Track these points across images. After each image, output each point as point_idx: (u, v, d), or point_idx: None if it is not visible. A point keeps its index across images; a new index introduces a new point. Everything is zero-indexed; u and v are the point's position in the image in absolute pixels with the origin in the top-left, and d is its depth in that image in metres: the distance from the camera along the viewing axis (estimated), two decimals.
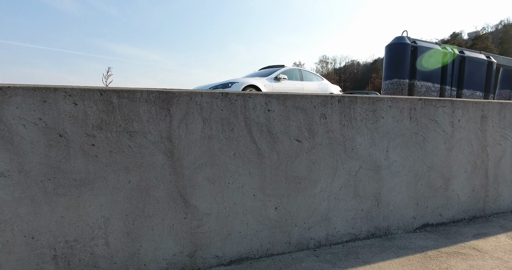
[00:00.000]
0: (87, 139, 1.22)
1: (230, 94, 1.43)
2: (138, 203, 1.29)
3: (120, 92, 1.26)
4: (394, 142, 1.80)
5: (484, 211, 2.14)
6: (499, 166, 2.19)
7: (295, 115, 1.56)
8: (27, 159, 1.15)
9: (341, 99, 1.66)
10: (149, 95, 1.30)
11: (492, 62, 3.37)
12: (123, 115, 1.26)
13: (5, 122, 1.12)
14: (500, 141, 2.18)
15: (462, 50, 3.32)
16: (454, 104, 1.99)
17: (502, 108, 2.19)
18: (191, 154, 1.37)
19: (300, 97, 1.56)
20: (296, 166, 1.56)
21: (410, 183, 1.86)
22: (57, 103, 1.18)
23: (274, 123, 1.51)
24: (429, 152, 1.91)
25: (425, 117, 1.89)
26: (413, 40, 3.11)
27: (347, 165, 1.68)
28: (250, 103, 1.46)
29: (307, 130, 1.58)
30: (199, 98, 1.37)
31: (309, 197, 1.60)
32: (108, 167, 1.25)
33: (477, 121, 2.08)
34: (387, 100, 1.78)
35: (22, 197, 1.15)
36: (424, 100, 1.89)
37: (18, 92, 1.14)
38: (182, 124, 1.35)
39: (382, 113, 1.77)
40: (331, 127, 1.64)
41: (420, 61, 3.02)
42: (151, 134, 1.30)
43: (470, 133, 2.06)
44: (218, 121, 1.41)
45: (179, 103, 1.34)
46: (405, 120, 1.83)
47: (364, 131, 1.72)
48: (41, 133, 1.16)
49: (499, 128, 2.17)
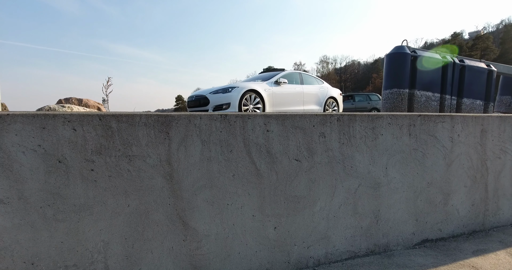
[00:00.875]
0: (86, 164, 1.22)
1: (229, 116, 1.43)
2: (137, 226, 1.30)
3: (119, 117, 1.26)
4: (394, 159, 1.80)
5: (484, 225, 2.14)
6: (499, 179, 2.18)
7: (294, 134, 1.56)
8: (26, 185, 1.15)
9: (340, 117, 1.66)
10: (148, 119, 1.30)
11: (493, 70, 3.37)
12: (122, 139, 1.27)
13: (4, 149, 1.13)
14: (499, 155, 2.18)
15: (462, 59, 3.32)
16: (454, 119, 1.99)
17: (502, 121, 2.18)
18: (190, 177, 1.37)
19: (299, 116, 1.57)
20: (295, 186, 1.57)
21: (410, 199, 1.86)
22: (56, 129, 1.18)
23: (273, 144, 1.51)
24: (428, 167, 1.91)
25: (424, 133, 1.89)
26: (413, 50, 3.10)
27: (346, 183, 1.68)
28: (249, 124, 1.47)
29: (306, 150, 1.58)
30: (198, 120, 1.38)
31: (308, 216, 1.60)
32: (107, 192, 1.25)
33: (477, 135, 2.08)
34: (386, 117, 1.78)
35: (22, 224, 1.15)
36: (423, 116, 1.89)
37: (17, 119, 1.14)
38: (181, 147, 1.35)
39: (381, 130, 1.77)
40: (330, 145, 1.64)
41: (420, 71, 3.02)
42: (150, 157, 1.31)
43: (469, 147, 2.05)
44: (217, 143, 1.41)
45: (178, 126, 1.34)
46: (404, 137, 1.83)
47: (363, 148, 1.72)
48: (40, 160, 1.17)
49: (498, 142, 2.17)
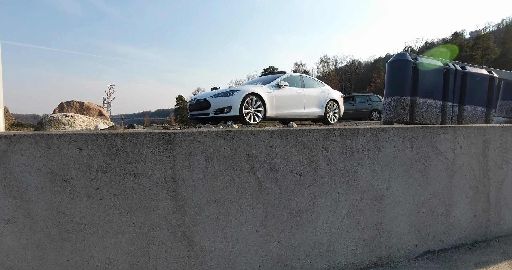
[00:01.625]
0: (91, 183, 1.23)
1: (232, 132, 1.44)
2: (142, 243, 1.31)
3: (124, 135, 1.27)
4: (396, 171, 1.81)
5: (486, 235, 2.15)
6: (501, 190, 2.19)
7: (297, 149, 1.56)
8: (32, 205, 1.16)
9: (343, 131, 1.67)
10: (153, 137, 1.31)
11: (494, 77, 3.37)
12: (127, 157, 1.28)
13: (10, 170, 1.14)
14: (501, 165, 2.18)
15: (464, 66, 3.32)
16: (456, 131, 2.00)
17: (504, 132, 2.19)
18: (195, 193, 1.38)
19: (302, 131, 1.57)
20: (298, 200, 1.57)
21: (412, 211, 1.87)
22: (61, 149, 1.19)
23: (276, 159, 1.52)
24: (430, 179, 1.92)
25: (426, 145, 1.90)
26: (415, 57, 3.11)
27: (349, 197, 1.69)
28: (253, 140, 1.47)
29: (309, 164, 1.59)
30: (202, 137, 1.39)
31: (311, 230, 1.61)
32: (112, 210, 1.26)
33: (479, 146, 2.09)
34: (388, 130, 1.79)
35: (28, 243, 1.16)
36: (425, 128, 1.89)
37: (23, 140, 1.15)
38: (185, 164, 1.36)
39: (384, 144, 1.77)
40: (333, 159, 1.65)
41: (422, 78, 3.02)
42: (154, 175, 1.32)
43: (471, 158, 2.06)
44: (221, 159, 1.42)
45: (182, 144, 1.35)
46: (406, 149, 1.84)
47: (366, 162, 1.73)
48: (46, 179, 1.18)
49: (501, 152, 2.18)
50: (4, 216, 1.13)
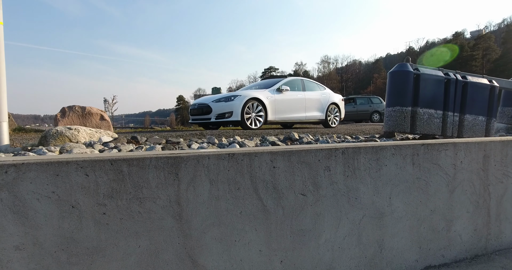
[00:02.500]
0: (98, 208, 1.26)
1: (236, 155, 1.46)
2: (147, 266, 1.33)
3: (130, 161, 1.30)
4: (397, 188, 1.83)
5: (486, 249, 2.17)
6: (501, 203, 2.21)
7: (300, 170, 1.59)
8: (41, 231, 1.19)
9: (345, 150, 1.69)
10: (158, 162, 1.33)
11: (495, 86, 3.38)
12: (133, 182, 1.30)
13: (19, 197, 1.16)
14: (502, 179, 2.20)
15: (465, 75, 3.33)
16: (457, 146, 2.02)
17: (504, 146, 2.21)
18: (199, 216, 1.40)
19: (304, 152, 1.59)
20: (301, 220, 1.60)
21: (413, 228, 1.89)
22: (69, 175, 1.22)
23: (279, 179, 1.54)
24: (431, 195, 1.94)
25: (427, 162, 1.92)
26: (416, 67, 3.12)
27: (350, 215, 1.71)
28: (256, 161, 1.50)
29: (311, 184, 1.61)
30: (206, 160, 1.41)
31: (314, 249, 1.63)
32: (119, 234, 1.28)
33: (479, 161, 2.11)
34: (390, 148, 1.81)
35: (37, 268, 1.19)
36: (426, 145, 1.91)
37: (32, 168, 1.17)
38: (190, 187, 1.38)
39: (385, 161, 1.79)
40: (335, 179, 1.67)
41: (423, 89, 3.04)
42: (160, 199, 1.34)
43: (472, 174, 2.08)
44: (224, 182, 1.44)
45: (186, 167, 1.38)
46: (408, 166, 1.86)
47: (368, 180, 1.75)
48: (54, 206, 1.20)
49: (501, 166, 2.20)
50: (13, 243, 1.16)
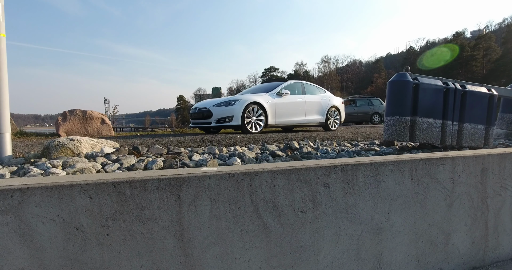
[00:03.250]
0: (102, 230, 1.28)
1: (237, 174, 1.48)
2: None
3: (133, 183, 1.32)
4: (396, 203, 1.85)
5: (484, 261, 2.19)
6: (499, 216, 2.23)
7: (300, 187, 1.61)
8: (46, 254, 1.21)
9: (344, 167, 1.71)
10: (160, 183, 1.36)
11: (494, 95, 3.40)
12: (136, 204, 1.33)
13: (25, 221, 1.19)
14: (500, 192, 2.23)
15: (464, 84, 3.35)
16: (455, 161, 2.04)
17: (502, 159, 2.23)
18: (200, 235, 1.43)
19: (304, 170, 1.62)
20: (300, 236, 1.62)
21: (411, 242, 1.91)
22: (73, 198, 1.24)
23: (279, 198, 1.57)
24: (429, 209, 1.96)
25: (426, 177, 1.94)
26: (415, 77, 3.15)
27: (349, 231, 1.74)
28: (256, 180, 1.52)
29: (311, 201, 1.64)
30: (207, 180, 1.43)
31: (313, 265, 1.65)
32: (121, 254, 1.31)
33: (477, 174, 2.13)
34: (388, 164, 1.83)
35: None
36: (425, 160, 1.94)
37: (37, 192, 1.20)
38: (191, 207, 1.41)
39: (383, 177, 1.82)
40: (334, 195, 1.69)
41: (422, 98, 3.06)
42: (162, 219, 1.36)
43: (470, 187, 2.10)
44: (225, 201, 1.47)
45: (188, 188, 1.40)
46: (406, 182, 1.88)
47: (366, 196, 1.77)
48: (59, 228, 1.23)
49: (499, 179, 2.22)
50: (19, 265, 1.18)
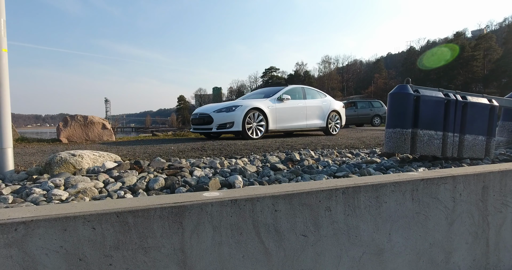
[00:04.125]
0: (105, 260, 1.29)
1: (239, 201, 1.49)
2: None
3: (135, 212, 1.33)
4: (397, 224, 1.86)
5: None
6: (500, 233, 2.24)
7: (301, 211, 1.62)
8: None
9: (345, 190, 1.72)
10: (163, 211, 1.37)
11: (495, 106, 3.41)
12: (138, 233, 1.33)
13: (29, 253, 1.20)
14: (501, 209, 2.23)
15: (465, 95, 3.35)
16: (456, 179, 2.04)
17: (503, 176, 2.23)
18: (202, 262, 1.43)
19: (306, 194, 1.62)
20: (302, 260, 1.63)
21: (412, 261, 1.92)
22: (76, 230, 1.25)
23: (281, 222, 1.58)
24: (430, 229, 1.97)
25: (427, 196, 1.95)
26: (416, 89, 3.15)
27: (351, 252, 1.74)
28: (258, 206, 1.53)
29: (312, 225, 1.64)
30: (209, 208, 1.44)
31: None
32: None
33: (478, 192, 2.14)
34: (389, 185, 1.84)
35: None
36: (426, 180, 1.94)
37: (41, 224, 1.21)
38: (193, 234, 1.41)
39: (385, 198, 1.82)
40: (335, 218, 1.70)
41: (423, 110, 3.06)
42: (164, 247, 1.37)
43: (471, 205, 2.11)
44: (227, 227, 1.47)
45: (190, 215, 1.41)
46: (407, 202, 1.89)
47: (367, 217, 1.78)
48: (62, 260, 1.23)
49: (500, 196, 2.22)
50: None
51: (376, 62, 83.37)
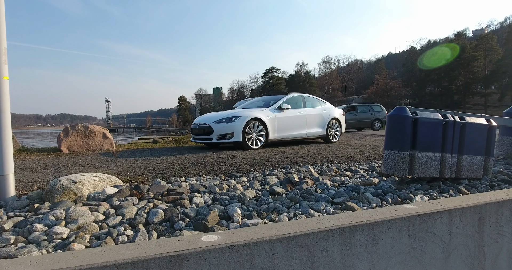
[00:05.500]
0: None
1: (236, 246, 1.52)
2: None
3: (135, 263, 1.35)
4: (393, 260, 1.88)
5: None
6: (496, 262, 2.26)
7: (298, 253, 1.64)
8: None
9: (341, 230, 1.74)
10: (161, 261, 1.39)
11: (493, 126, 3.42)
12: None
13: None
14: (497, 239, 2.25)
15: (463, 116, 3.37)
16: (452, 213, 2.06)
17: (500, 206, 2.25)
18: None
19: (303, 236, 1.65)
20: None
21: None
22: None
23: (278, 265, 1.60)
24: (426, 263, 1.99)
25: (423, 231, 1.97)
26: (414, 111, 3.17)
27: None
28: (255, 250, 1.55)
29: (309, 265, 1.67)
30: (207, 255, 1.47)
31: None
32: None
33: (475, 224, 2.16)
34: (386, 223, 1.86)
35: None
36: (422, 215, 1.96)
37: None
38: None
39: (381, 236, 1.85)
40: (332, 258, 1.72)
41: (421, 132, 3.08)
42: None
43: (467, 237, 2.13)
44: None
45: (189, 263, 1.43)
46: (403, 238, 1.91)
47: (364, 255, 1.80)
48: None
49: (496, 227, 2.24)
50: None
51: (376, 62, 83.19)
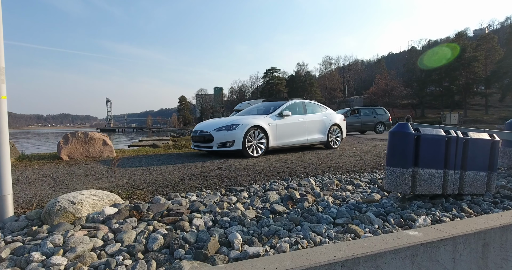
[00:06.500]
0: None
1: None
2: None
3: None
4: None
5: None
6: None
7: None
8: None
9: (344, 263, 1.71)
10: None
11: (496, 141, 3.39)
12: None
13: None
14: (501, 264, 2.22)
15: (466, 132, 3.34)
16: (456, 240, 2.03)
17: (504, 231, 2.22)
18: None
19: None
20: None
21: None
22: None
23: None
24: None
25: (426, 260, 1.94)
26: (416, 127, 3.14)
27: None
28: None
29: None
30: None
31: None
32: None
33: (479, 250, 2.12)
34: (389, 253, 1.83)
35: None
36: (425, 244, 1.93)
37: None
38: None
39: (384, 267, 1.81)
40: None
41: (423, 149, 3.04)
42: None
43: (471, 264, 2.10)
44: None
45: None
46: (407, 268, 1.88)
47: None
48: None
49: (500, 252, 2.21)
50: None
51: (377, 62, 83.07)
